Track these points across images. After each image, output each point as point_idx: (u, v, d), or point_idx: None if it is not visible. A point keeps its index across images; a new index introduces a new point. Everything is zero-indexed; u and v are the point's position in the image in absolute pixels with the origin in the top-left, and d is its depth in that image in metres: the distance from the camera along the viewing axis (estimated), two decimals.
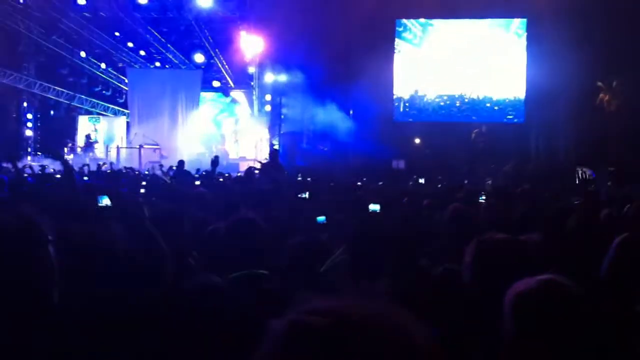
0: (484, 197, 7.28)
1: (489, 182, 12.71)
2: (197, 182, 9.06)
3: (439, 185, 10.37)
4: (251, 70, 23.52)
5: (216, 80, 24.91)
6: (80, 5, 21.69)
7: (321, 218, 4.65)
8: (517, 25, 22.32)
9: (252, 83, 23.83)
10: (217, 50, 23.64)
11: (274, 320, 0.93)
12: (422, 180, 11.38)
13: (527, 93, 21.94)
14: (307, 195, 6.06)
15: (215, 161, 8.94)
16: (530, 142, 21.72)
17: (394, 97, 22.77)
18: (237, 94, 25.01)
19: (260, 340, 0.93)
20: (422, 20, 22.68)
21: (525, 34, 22.08)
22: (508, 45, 22.31)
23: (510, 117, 22.33)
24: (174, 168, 12.71)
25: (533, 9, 20.44)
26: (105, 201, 4.13)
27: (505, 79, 22.28)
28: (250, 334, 2.09)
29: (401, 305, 0.95)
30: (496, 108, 22.41)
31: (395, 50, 22.73)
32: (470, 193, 7.96)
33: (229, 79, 24.68)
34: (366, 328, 0.90)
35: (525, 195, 8.37)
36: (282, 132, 22.02)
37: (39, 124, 26.62)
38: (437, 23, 22.71)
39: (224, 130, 24.44)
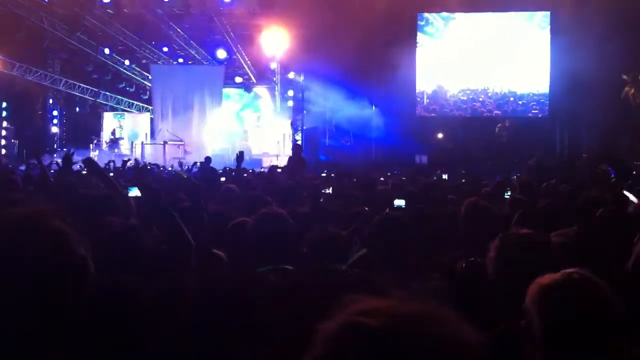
0: (509, 193, 7.22)
1: (516, 176, 12.59)
2: (223, 179, 9.11)
3: (463, 180, 10.31)
4: (273, 65, 23.58)
5: (238, 76, 25.03)
6: (104, 2, 21.88)
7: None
8: (541, 18, 22.08)
9: (274, 78, 23.90)
10: (239, 46, 23.73)
11: (325, 321, 0.93)
12: (445, 176, 11.32)
13: (551, 87, 21.70)
14: (330, 190, 6.05)
15: (240, 157, 8.96)
16: (554, 136, 21.52)
17: (417, 91, 22.66)
18: (260, 89, 25.13)
19: (290, 334, 0.93)
20: (444, 14, 22.52)
21: (549, 26, 21.83)
22: (531, 38, 22.08)
23: (535, 111, 22.11)
24: (198, 164, 12.80)
25: (557, 1, 20.21)
26: (135, 192, 4.18)
27: (529, 72, 22.05)
28: (279, 326, 2.13)
29: (442, 303, 0.95)
30: (520, 102, 22.21)
31: (417, 45, 22.60)
32: (496, 187, 7.92)
33: (251, 74, 24.77)
34: (420, 328, 0.90)
35: (549, 190, 8.31)
36: (304, 127, 22.06)
37: (64, 121, 26.97)
38: (460, 17, 22.54)
39: (246, 126, 24.54)
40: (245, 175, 10.07)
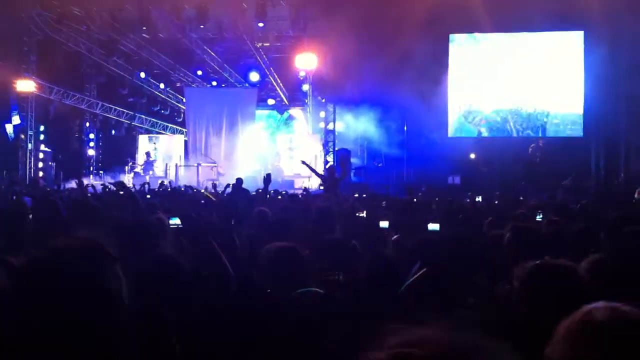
0: (541, 216, 7.13)
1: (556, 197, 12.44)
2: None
3: (496, 202, 10.23)
4: (305, 87, 23.78)
5: (271, 98, 25.28)
6: (139, 27, 22.34)
7: (434, 226, 4.66)
8: (574, 38, 21.91)
9: (306, 100, 24.08)
10: (271, 68, 23.99)
11: (370, 352, 0.93)
12: (479, 198, 11.23)
13: (586, 107, 21.43)
14: (364, 214, 6.03)
15: (267, 179, 9.01)
16: (589, 156, 21.22)
17: (449, 112, 22.59)
18: (295, 111, 25.34)
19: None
20: (476, 34, 22.50)
21: (583, 47, 21.63)
22: (565, 58, 21.88)
23: (569, 132, 21.84)
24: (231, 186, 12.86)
25: (591, 21, 20.04)
26: (176, 221, 4.26)
27: (563, 92, 21.83)
28: (316, 347, 2.15)
29: (488, 334, 0.95)
30: (554, 122, 21.98)
31: (449, 65, 22.58)
32: (530, 210, 7.86)
33: (283, 96, 24.99)
34: None
35: (585, 211, 8.21)
36: (336, 148, 22.14)
37: (100, 144, 27.47)
38: (492, 37, 22.48)
39: (278, 148, 24.69)
40: (279, 197, 10.13)
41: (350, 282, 3.19)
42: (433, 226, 4.91)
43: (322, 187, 11.49)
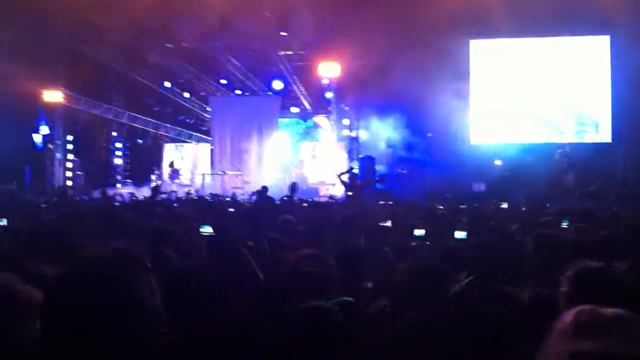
0: (566, 223, 7.06)
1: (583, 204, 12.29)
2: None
3: (523, 209, 10.14)
4: (328, 95, 23.84)
5: (295, 106, 25.39)
6: (164, 37, 22.59)
7: (461, 234, 4.64)
8: (600, 42, 21.68)
9: (329, 108, 24.13)
10: (294, 76, 24.09)
11: None
12: (504, 205, 11.15)
13: (613, 112, 21.17)
14: (389, 223, 6.00)
15: (293, 187, 9.05)
16: (616, 162, 20.92)
17: (472, 118, 22.46)
18: (320, 119, 25.42)
19: None
20: (498, 39, 22.37)
21: (609, 51, 21.39)
22: (590, 62, 21.66)
23: (596, 137, 21.58)
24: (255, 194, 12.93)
25: (617, 25, 19.82)
26: (207, 230, 4.31)
27: (589, 97, 21.60)
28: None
29: None
30: (580, 127, 21.74)
31: (471, 71, 22.47)
32: (556, 216, 7.79)
33: (306, 104, 25.08)
34: None
35: (613, 217, 8.13)
36: (360, 155, 22.14)
37: (127, 153, 27.79)
38: (514, 42, 22.35)
39: (302, 155, 24.77)
40: (304, 204, 10.17)
41: (383, 291, 3.17)
42: (460, 234, 4.89)
43: (347, 194, 11.54)
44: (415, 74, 18.73)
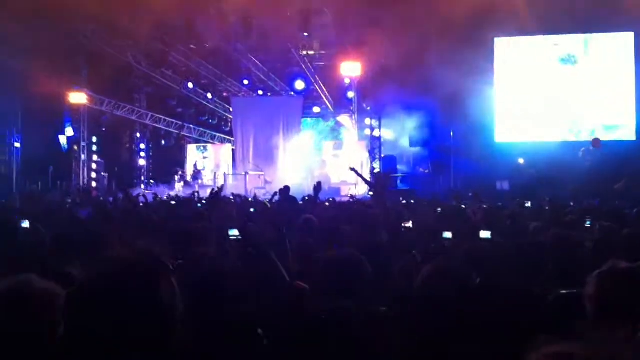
0: (589, 222, 6.97)
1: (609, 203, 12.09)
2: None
3: (547, 208, 10.04)
4: (350, 94, 23.83)
5: (317, 106, 25.41)
6: (186, 38, 22.77)
7: (486, 234, 4.61)
8: (624, 38, 21.42)
9: (351, 107, 24.13)
10: (316, 76, 24.13)
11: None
12: (528, 204, 11.05)
13: (638, 109, 20.92)
14: (410, 224, 5.97)
15: (317, 187, 9.03)
16: None
17: (496, 116, 22.32)
18: (343, 118, 25.41)
19: None
20: (522, 37, 22.20)
21: (634, 47, 21.13)
22: (614, 59, 21.42)
23: (620, 134, 21.33)
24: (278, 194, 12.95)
25: None
26: (235, 232, 4.34)
27: (613, 94, 21.35)
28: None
29: None
30: (604, 125, 21.49)
31: (495, 69, 22.34)
32: (580, 215, 7.71)
33: (328, 104, 25.08)
34: None
35: (639, 216, 8.02)
36: (382, 155, 22.10)
37: (151, 154, 28.02)
38: (537, 39, 22.16)
39: (324, 155, 24.76)
40: (327, 204, 10.17)
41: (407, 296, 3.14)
42: (485, 234, 4.86)
43: (370, 194, 11.54)
44: (438, 73, 18.67)
